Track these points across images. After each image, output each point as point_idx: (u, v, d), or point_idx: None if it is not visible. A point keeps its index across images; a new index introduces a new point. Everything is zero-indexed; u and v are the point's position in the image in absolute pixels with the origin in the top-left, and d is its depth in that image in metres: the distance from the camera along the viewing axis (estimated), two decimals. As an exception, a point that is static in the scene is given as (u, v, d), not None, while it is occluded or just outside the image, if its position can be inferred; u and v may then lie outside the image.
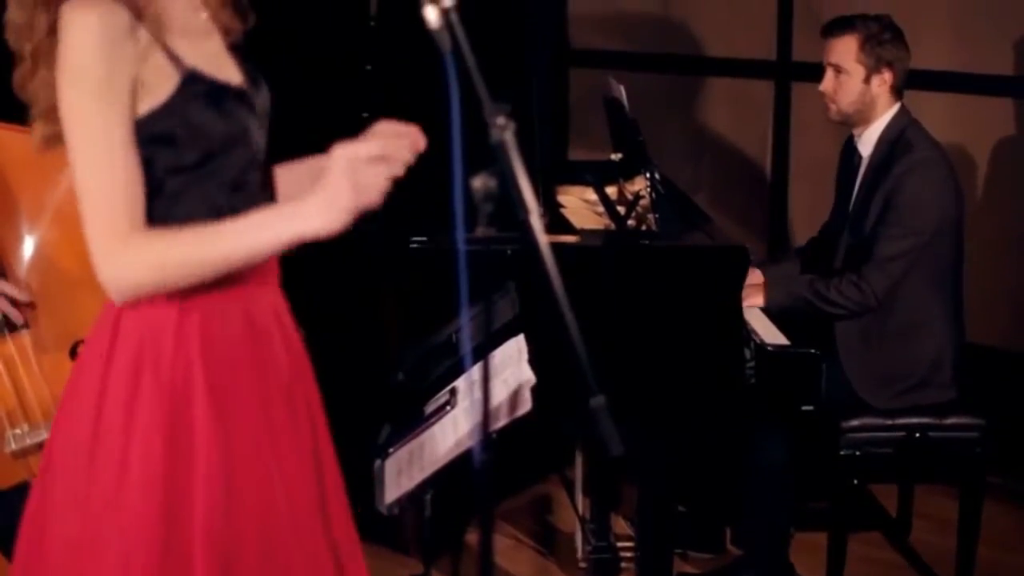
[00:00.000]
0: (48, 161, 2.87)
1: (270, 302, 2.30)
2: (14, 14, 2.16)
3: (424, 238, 3.59)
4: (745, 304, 3.82)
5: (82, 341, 2.91)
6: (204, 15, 2.26)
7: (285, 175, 2.44)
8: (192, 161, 2.15)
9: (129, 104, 2.09)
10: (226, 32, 2.29)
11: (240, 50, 2.32)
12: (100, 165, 2.07)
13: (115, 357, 2.17)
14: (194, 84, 2.15)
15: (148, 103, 2.12)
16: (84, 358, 2.26)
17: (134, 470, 2.14)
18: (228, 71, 2.26)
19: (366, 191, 2.05)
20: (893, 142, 3.90)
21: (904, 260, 3.79)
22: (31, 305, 2.94)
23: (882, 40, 3.89)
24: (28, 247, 2.95)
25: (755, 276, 3.99)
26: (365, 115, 3.69)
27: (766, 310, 3.93)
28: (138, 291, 2.11)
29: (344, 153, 2.06)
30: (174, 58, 2.14)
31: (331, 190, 2.05)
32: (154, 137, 2.12)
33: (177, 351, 2.16)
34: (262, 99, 2.31)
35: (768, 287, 3.94)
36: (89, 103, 2.07)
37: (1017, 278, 5.04)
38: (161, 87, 2.12)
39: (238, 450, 2.20)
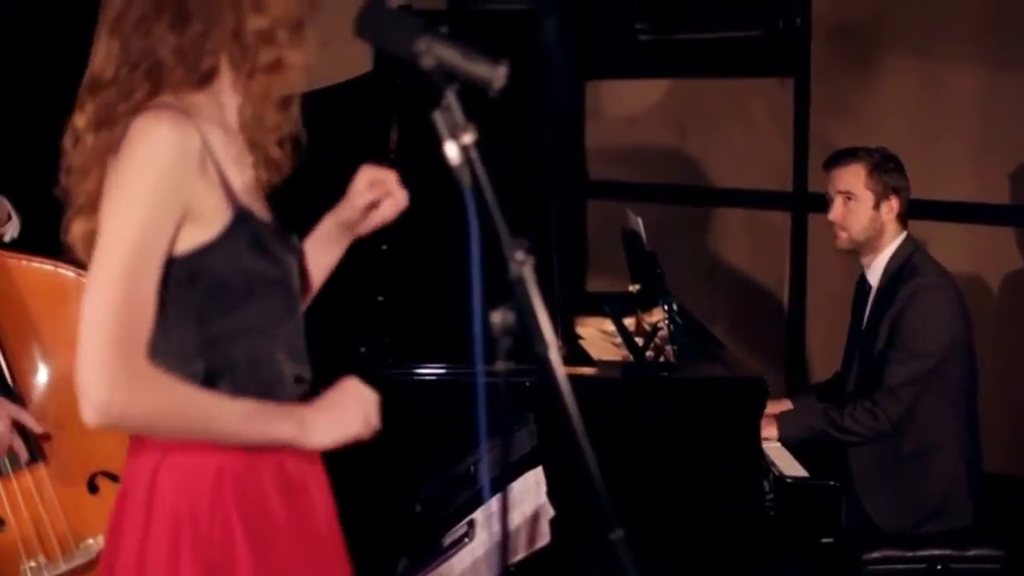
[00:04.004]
0: (69, 293, 2.92)
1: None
2: (79, 122, 2.05)
3: (443, 369, 3.61)
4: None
5: (99, 473, 2.92)
6: (241, 142, 2.11)
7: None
8: (235, 304, 2.05)
9: (172, 234, 1.97)
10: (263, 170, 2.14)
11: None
12: (122, 281, 1.93)
13: (155, 510, 2.04)
14: (244, 222, 2.05)
15: (196, 236, 2.00)
16: (123, 508, 2.11)
17: None
18: (261, 208, 2.15)
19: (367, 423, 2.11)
20: (900, 268, 3.94)
21: (915, 385, 3.80)
22: (46, 436, 2.94)
23: (887, 168, 3.99)
24: (43, 377, 2.97)
25: (779, 405, 4.01)
26: (384, 247, 3.72)
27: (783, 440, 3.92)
28: (122, 425, 1.98)
29: (359, 385, 2.12)
30: (230, 192, 2.04)
31: (341, 414, 2.09)
32: (198, 275, 2.01)
33: (214, 511, 2.04)
34: (295, 241, 2.23)
35: (780, 420, 3.94)
36: (132, 217, 1.94)
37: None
38: (213, 222, 2.01)
39: None
